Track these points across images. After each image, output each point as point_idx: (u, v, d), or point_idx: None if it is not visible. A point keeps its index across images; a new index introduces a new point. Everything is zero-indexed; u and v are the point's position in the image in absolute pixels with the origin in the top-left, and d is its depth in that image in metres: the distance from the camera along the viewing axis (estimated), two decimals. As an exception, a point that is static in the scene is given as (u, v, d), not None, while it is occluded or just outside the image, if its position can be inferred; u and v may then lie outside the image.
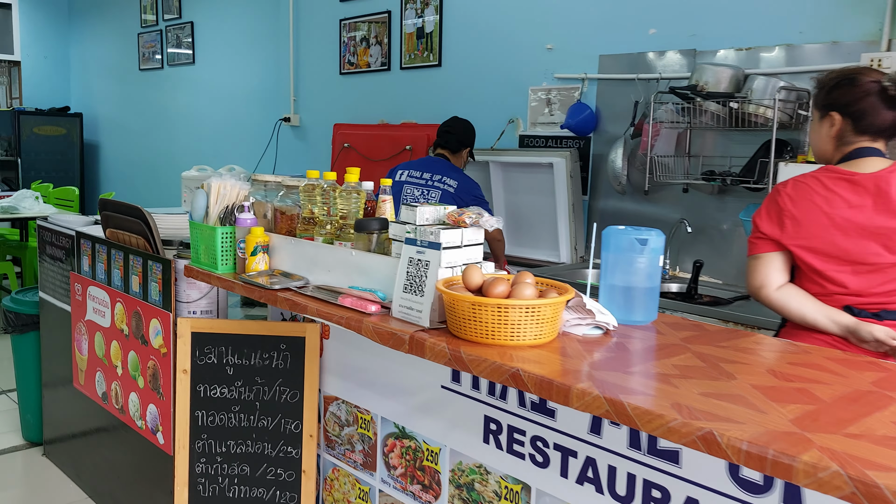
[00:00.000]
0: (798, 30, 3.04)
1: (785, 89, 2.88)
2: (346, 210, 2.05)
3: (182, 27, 6.81)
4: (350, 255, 1.95)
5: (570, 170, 3.68)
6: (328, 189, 2.10)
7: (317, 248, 2.07)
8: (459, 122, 3.74)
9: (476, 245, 1.84)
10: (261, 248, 2.21)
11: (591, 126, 3.74)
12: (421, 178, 3.61)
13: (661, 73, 3.44)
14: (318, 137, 5.42)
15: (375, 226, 1.96)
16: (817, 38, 2.99)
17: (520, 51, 4.05)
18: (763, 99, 2.92)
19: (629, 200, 3.63)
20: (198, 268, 2.36)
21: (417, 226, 1.81)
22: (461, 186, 3.51)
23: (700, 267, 3.05)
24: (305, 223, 2.19)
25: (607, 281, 1.83)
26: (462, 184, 3.52)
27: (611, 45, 3.66)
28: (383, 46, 4.82)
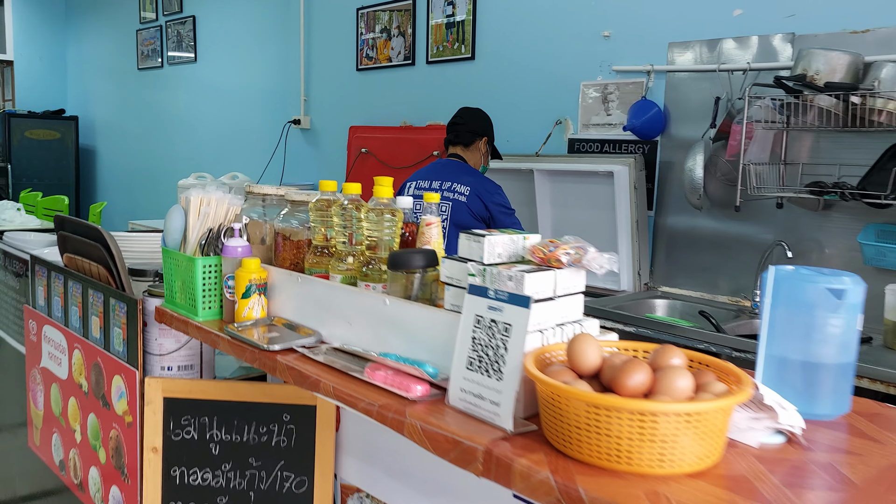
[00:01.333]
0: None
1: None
2: (376, 237, 1.44)
3: (183, 22, 6.25)
4: (382, 304, 1.34)
5: (635, 180, 3.06)
6: (349, 207, 1.49)
7: (333, 291, 1.46)
8: (468, 111, 3.15)
9: (575, 295, 1.23)
10: (256, 288, 1.60)
11: (658, 127, 3.12)
12: (429, 188, 3.00)
13: (749, 63, 2.82)
14: (331, 142, 4.83)
15: (419, 262, 1.36)
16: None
17: (569, 40, 3.45)
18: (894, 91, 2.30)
19: (707, 217, 3.00)
20: (172, 311, 1.76)
21: (486, 265, 1.20)
22: (475, 191, 2.89)
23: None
24: (317, 253, 1.58)
25: (776, 351, 1.21)
26: (476, 187, 2.90)
27: (683, 30, 3.04)
28: (407, 38, 4.22)
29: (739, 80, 2.86)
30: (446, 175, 2.99)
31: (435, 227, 1.46)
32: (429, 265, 1.36)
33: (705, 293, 3.03)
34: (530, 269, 1.17)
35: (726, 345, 2.38)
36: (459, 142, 3.10)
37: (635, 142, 3.22)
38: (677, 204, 3.12)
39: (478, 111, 3.18)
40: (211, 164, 5.92)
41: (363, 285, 1.44)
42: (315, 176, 4.95)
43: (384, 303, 1.34)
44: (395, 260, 1.37)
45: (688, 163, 2.88)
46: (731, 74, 2.88)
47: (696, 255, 3.07)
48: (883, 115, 2.43)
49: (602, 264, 1.16)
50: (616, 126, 3.29)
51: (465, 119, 3.12)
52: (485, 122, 3.15)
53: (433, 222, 1.46)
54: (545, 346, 1.12)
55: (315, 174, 4.96)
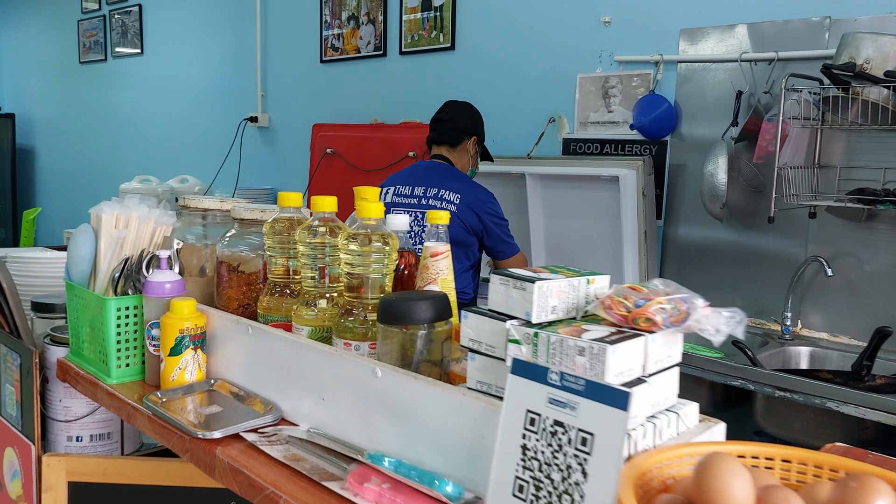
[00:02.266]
0: None
1: None
2: (360, 273, 1.01)
3: (128, 12, 5.71)
4: (370, 375, 0.92)
5: (644, 185, 2.67)
6: (321, 230, 1.06)
7: (298, 350, 1.03)
8: (454, 105, 2.74)
9: (670, 370, 0.82)
10: (189, 341, 1.16)
11: (669, 126, 2.74)
12: (411, 196, 2.57)
13: (777, 53, 2.45)
14: (292, 142, 4.36)
15: (426, 313, 0.93)
16: None
17: (564, 27, 3.05)
18: (974, 81, 1.94)
19: (726, 228, 2.63)
20: (78, 367, 1.31)
21: (537, 327, 0.79)
22: (466, 199, 2.49)
23: (885, 337, 2.04)
24: (276, 293, 1.15)
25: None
26: (467, 195, 2.50)
27: (697, 14, 2.67)
28: (377, 26, 3.79)
29: (764, 72, 2.49)
30: (431, 180, 2.57)
31: (444, 258, 1.03)
32: (439, 317, 0.94)
33: (724, 314, 2.65)
34: (608, 334, 0.75)
35: (767, 382, 2.00)
36: (444, 141, 2.68)
37: (641, 142, 2.84)
38: (690, 213, 2.74)
39: (466, 105, 2.76)
40: (159, 166, 5.40)
41: (341, 343, 1.01)
42: (274, 179, 4.48)
43: (374, 373, 0.91)
44: (389, 309, 0.94)
45: (707, 166, 2.50)
46: (755, 65, 2.52)
47: (711, 270, 2.69)
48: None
49: (719, 326, 0.75)
50: (619, 124, 2.90)
51: (451, 114, 2.70)
52: (474, 119, 2.73)
53: (441, 252, 1.03)
54: (640, 460, 0.70)
55: (274, 177, 4.49)
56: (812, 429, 2.04)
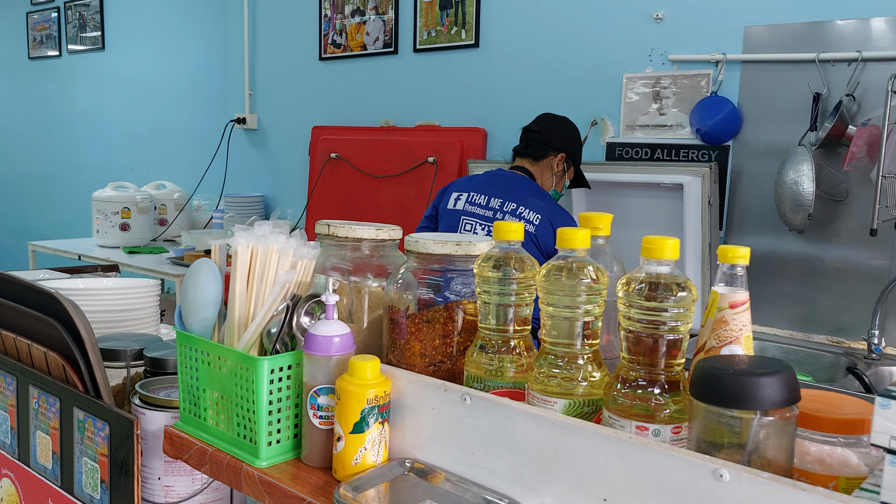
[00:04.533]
0: None
1: None
2: (653, 331, 0.77)
3: (87, 4, 5.26)
4: (709, 478, 0.68)
5: (709, 194, 2.50)
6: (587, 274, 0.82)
7: (562, 433, 0.78)
8: (547, 118, 2.51)
9: None
10: (378, 413, 0.90)
11: (733, 130, 2.57)
12: (487, 207, 2.34)
13: (861, 52, 2.31)
14: (285, 145, 4.04)
15: (776, 394, 0.70)
16: None
17: (607, 22, 2.85)
18: None
19: (796, 239, 2.47)
20: (201, 442, 1.02)
21: None
22: (547, 218, 2.27)
23: None
24: (491, 347, 0.90)
25: None
26: (548, 215, 2.28)
27: (764, 11, 2.51)
28: (387, 21, 3.51)
29: (843, 73, 2.35)
30: (511, 193, 2.32)
31: (746, 310, 0.80)
32: (789, 400, 0.70)
33: (796, 332, 2.50)
34: None
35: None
36: (528, 153, 2.44)
37: (698, 147, 2.66)
38: (755, 222, 2.58)
39: (562, 120, 2.50)
40: (126, 171, 4.98)
41: (631, 425, 0.77)
42: (265, 185, 4.15)
43: (717, 476, 0.67)
44: (720, 385, 0.70)
45: (788, 174, 2.34)
46: (833, 66, 2.37)
47: (780, 285, 2.54)
48: None
49: None
50: (672, 128, 2.72)
51: (540, 127, 2.46)
52: (568, 136, 2.47)
53: (743, 301, 0.80)
54: None
55: (265, 183, 4.16)
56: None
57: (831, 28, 2.38)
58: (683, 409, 0.76)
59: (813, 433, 0.75)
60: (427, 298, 0.98)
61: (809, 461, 0.76)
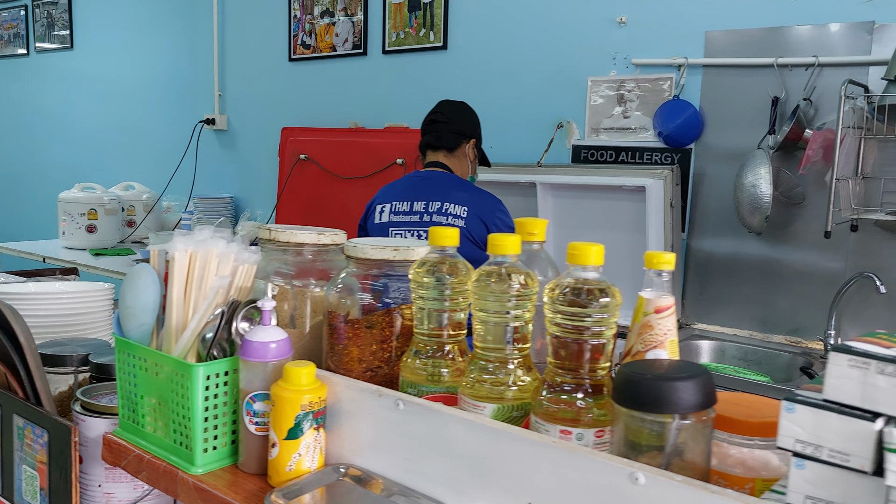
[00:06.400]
0: None
1: None
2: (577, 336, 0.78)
3: (55, 2, 5.19)
4: (625, 482, 0.69)
5: (671, 196, 2.52)
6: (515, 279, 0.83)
7: (496, 441, 0.79)
8: (450, 105, 2.47)
9: None
10: (312, 419, 0.90)
11: (695, 133, 2.60)
12: (412, 212, 2.29)
13: (817, 57, 2.35)
14: (255, 146, 4.02)
15: (693, 398, 0.71)
16: None
17: (573, 26, 2.87)
18: None
19: (755, 241, 2.51)
20: (138, 448, 1.02)
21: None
22: (474, 210, 2.23)
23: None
24: (428, 352, 0.91)
25: None
26: (474, 205, 2.24)
27: (726, 16, 2.54)
28: (356, 23, 3.51)
29: (800, 78, 2.38)
30: (432, 192, 2.29)
31: (671, 315, 0.81)
32: (708, 402, 0.72)
33: (755, 332, 2.54)
34: None
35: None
36: (442, 145, 2.39)
37: (661, 150, 2.69)
38: (716, 224, 2.61)
39: (462, 105, 2.48)
40: (94, 171, 4.92)
41: (555, 429, 0.78)
42: (234, 187, 4.13)
43: (633, 479, 0.68)
44: (639, 391, 0.71)
45: (746, 177, 2.37)
46: (790, 70, 2.41)
47: (739, 286, 2.57)
48: None
49: None
50: (635, 131, 2.75)
51: (448, 115, 2.41)
52: (472, 120, 2.46)
53: (668, 306, 0.81)
54: None
55: (234, 184, 4.13)
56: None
57: (789, 33, 2.42)
58: (607, 413, 0.77)
59: (733, 436, 0.76)
60: (366, 304, 0.98)
61: (731, 463, 0.77)
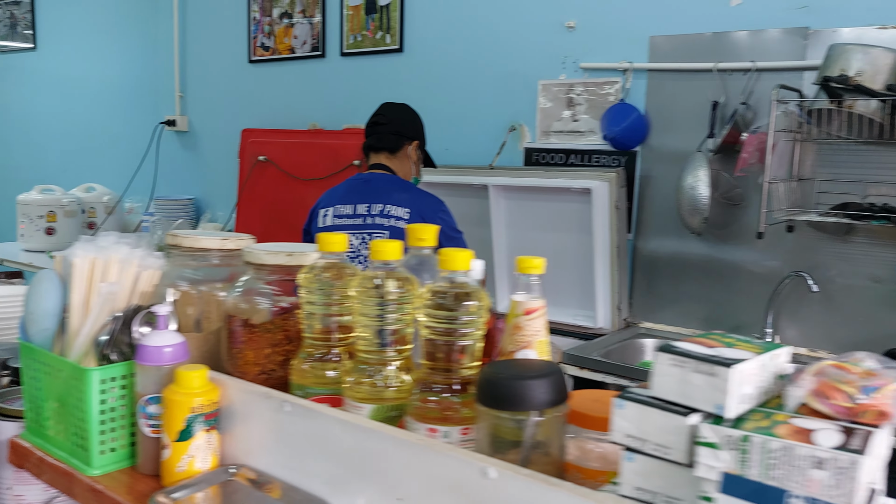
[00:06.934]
0: (982, -1, 2.09)
1: None
2: (448, 339, 0.81)
3: (17, 2, 5.16)
4: (479, 475, 0.72)
5: (616, 198, 2.57)
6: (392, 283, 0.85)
7: (367, 438, 0.82)
8: (391, 107, 2.49)
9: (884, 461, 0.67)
10: (203, 422, 0.92)
11: (640, 136, 2.65)
12: (356, 216, 2.30)
13: (755, 62, 2.40)
14: (216, 148, 4.03)
15: (545, 395, 0.74)
16: None
17: (523, 30, 2.91)
18: (968, 97, 1.93)
19: (698, 242, 2.56)
20: (40, 450, 1.03)
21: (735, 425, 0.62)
22: (417, 211, 2.25)
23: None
24: (316, 355, 0.93)
25: None
26: (417, 206, 2.26)
27: (668, 22, 2.59)
28: (314, 25, 3.52)
29: (739, 82, 2.44)
30: (374, 195, 2.30)
31: (540, 316, 0.85)
32: (559, 399, 0.75)
33: (698, 329, 2.57)
34: (844, 436, 0.59)
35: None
36: (383, 147, 2.40)
37: (609, 153, 2.73)
38: (660, 225, 2.66)
39: (404, 107, 2.50)
40: (56, 172, 4.89)
41: (423, 427, 0.81)
42: (196, 188, 4.13)
43: (485, 474, 0.72)
44: (496, 390, 0.74)
45: (686, 179, 2.42)
46: (729, 75, 2.46)
47: (683, 285, 2.62)
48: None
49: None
50: (584, 134, 2.79)
51: (389, 117, 2.43)
52: (414, 121, 2.48)
53: (537, 308, 0.85)
54: None
55: (196, 186, 4.14)
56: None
57: (729, 39, 2.47)
58: (473, 411, 0.80)
59: (590, 432, 0.79)
60: (264, 308, 1.01)
61: (593, 458, 0.81)
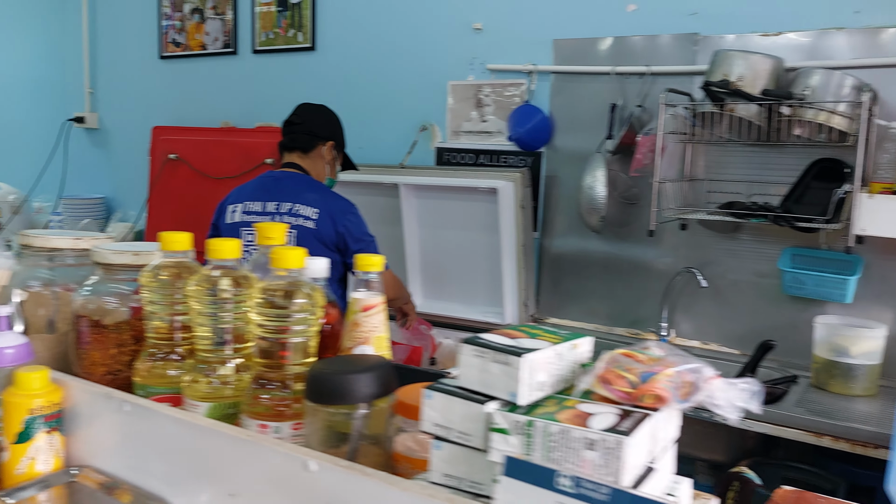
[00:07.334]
0: (853, 8, 2.21)
1: (861, 89, 2.02)
2: (278, 336, 0.82)
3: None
4: (300, 469, 0.74)
5: (521, 198, 2.62)
6: (224, 282, 0.86)
7: (199, 435, 0.83)
8: (308, 107, 2.48)
9: (671, 448, 0.71)
10: (42, 423, 0.91)
11: (545, 137, 2.71)
12: (265, 213, 2.28)
13: (649, 66, 2.48)
14: (128, 145, 3.93)
15: (369, 389, 0.76)
16: (881, 20, 2.17)
17: (433, 30, 2.94)
18: (838, 101, 2.04)
19: (600, 240, 2.63)
20: None
21: (526, 411, 0.65)
22: (326, 212, 2.23)
23: (769, 349, 2.10)
24: (158, 355, 0.93)
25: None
26: (326, 207, 2.24)
27: (570, 25, 2.65)
28: (226, 22, 3.48)
29: (636, 86, 2.52)
30: (284, 193, 2.28)
31: (378, 312, 0.87)
32: (385, 392, 0.77)
33: (600, 325, 2.66)
34: (617, 419, 0.63)
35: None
36: (297, 146, 2.39)
37: (516, 153, 2.78)
38: (565, 224, 2.72)
39: (322, 108, 2.49)
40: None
41: (254, 424, 0.82)
42: (107, 187, 4.02)
43: (306, 466, 0.73)
44: (322, 385, 0.76)
45: (585, 179, 2.49)
46: (627, 78, 2.53)
47: (586, 282, 2.69)
48: (805, 128, 2.18)
49: (734, 400, 0.65)
50: (493, 134, 2.83)
51: (303, 117, 2.42)
52: (331, 123, 2.47)
53: (375, 304, 0.86)
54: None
55: (107, 185, 4.03)
56: (697, 440, 2.07)
57: (626, 43, 2.55)
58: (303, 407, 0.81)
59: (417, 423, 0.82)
60: (112, 308, 1.00)
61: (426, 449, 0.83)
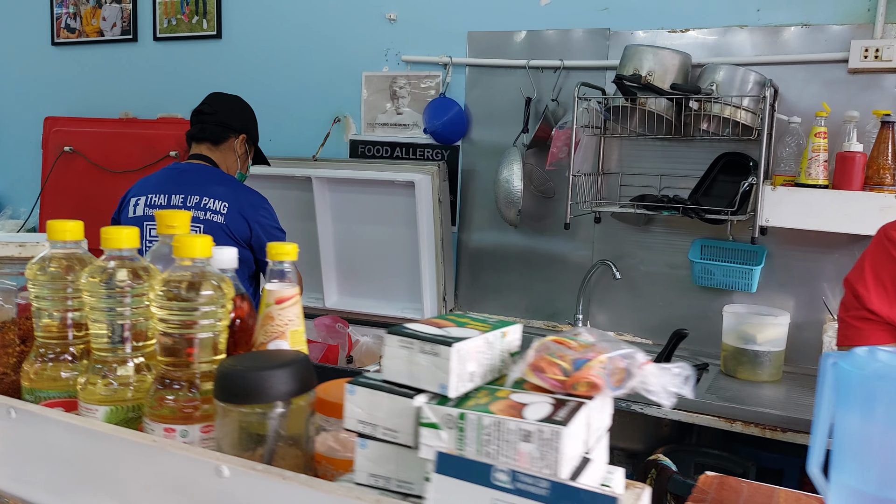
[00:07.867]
0: (755, 7, 2.29)
1: (763, 85, 2.09)
2: (183, 332, 0.75)
3: None
4: (213, 475, 0.68)
5: (439, 191, 2.59)
6: (120, 274, 0.78)
7: (94, 441, 0.75)
8: (219, 98, 2.37)
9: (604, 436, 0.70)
10: (-88, 436, 0.81)
11: (461, 130, 2.69)
12: (170, 206, 2.17)
13: (563, 60, 2.50)
14: (19, 137, 3.67)
15: (285, 386, 0.71)
16: (781, 18, 2.26)
17: (346, 20, 2.87)
18: (743, 95, 2.10)
19: (517, 234, 2.64)
20: None
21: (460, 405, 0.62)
22: (235, 206, 2.14)
23: (682, 338, 2.14)
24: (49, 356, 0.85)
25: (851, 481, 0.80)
26: (236, 201, 2.14)
27: (485, 18, 2.64)
28: (125, 6, 3.29)
29: (551, 80, 2.53)
30: (191, 186, 2.17)
31: (293, 305, 0.81)
32: (303, 388, 0.72)
33: (518, 318, 2.67)
34: (551, 409, 0.60)
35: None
36: (206, 137, 2.27)
37: (433, 146, 2.75)
38: (483, 218, 2.71)
39: (235, 99, 2.38)
40: None
41: (159, 427, 0.75)
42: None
43: (218, 472, 0.67)
44: (233, 383, 0.70)
45: (502, 173, 2.48)
46: (542, 72, 2.54)
47: (505, 276, 2.69)
48: (711, 122, 2.25)
49: (667, 386, 0.64)
50: (409, 127, 2.79)
51: (215, 107, 2.30)
52: (245, 114, 2.36)
53: (290, 297, 0.81)
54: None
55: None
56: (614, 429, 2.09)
57: (540, 37, 2.56)
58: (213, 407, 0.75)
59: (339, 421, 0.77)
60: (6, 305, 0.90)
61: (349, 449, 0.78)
